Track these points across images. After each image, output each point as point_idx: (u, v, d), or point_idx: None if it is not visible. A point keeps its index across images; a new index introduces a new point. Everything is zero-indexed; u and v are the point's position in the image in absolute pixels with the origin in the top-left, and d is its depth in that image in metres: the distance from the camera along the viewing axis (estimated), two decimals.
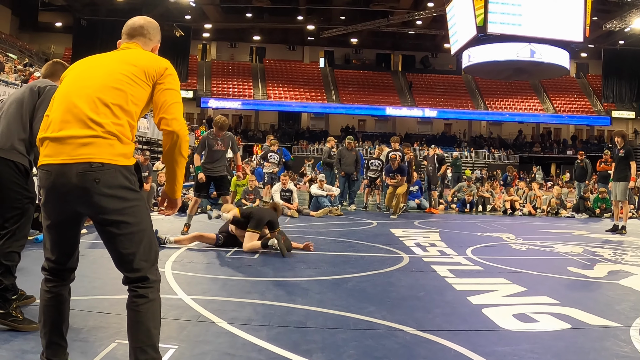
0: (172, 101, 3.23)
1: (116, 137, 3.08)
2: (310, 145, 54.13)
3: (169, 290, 5.80)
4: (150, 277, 3.18)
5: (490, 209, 19.40)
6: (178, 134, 3.18)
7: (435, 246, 9.94)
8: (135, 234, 3.13)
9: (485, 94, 62.10)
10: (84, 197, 3.04)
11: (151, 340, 3.13)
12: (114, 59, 3.32)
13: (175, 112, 3.21)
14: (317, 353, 4.08)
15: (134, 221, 3.13)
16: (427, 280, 7.00)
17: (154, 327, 3.15)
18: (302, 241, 9.28)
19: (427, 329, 4.72)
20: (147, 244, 3.19)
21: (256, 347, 4.18)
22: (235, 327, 4.62)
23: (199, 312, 5.04)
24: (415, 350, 4.21)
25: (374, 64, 66.07)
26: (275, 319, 4.95)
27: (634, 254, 9.65)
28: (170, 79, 3.29)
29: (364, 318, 5.03)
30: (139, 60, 3.29)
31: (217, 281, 6.55)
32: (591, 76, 63.58)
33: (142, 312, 3.12)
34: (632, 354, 4.25)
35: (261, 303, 5.50)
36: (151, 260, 3.22)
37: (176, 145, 3.19)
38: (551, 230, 13.65)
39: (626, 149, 13.16)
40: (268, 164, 17.61)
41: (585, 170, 21.00)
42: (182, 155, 3.22)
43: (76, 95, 3.13)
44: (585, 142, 58.49)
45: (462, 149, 57.56)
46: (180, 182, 3.33)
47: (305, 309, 5.31)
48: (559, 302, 5.81)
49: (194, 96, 57.80)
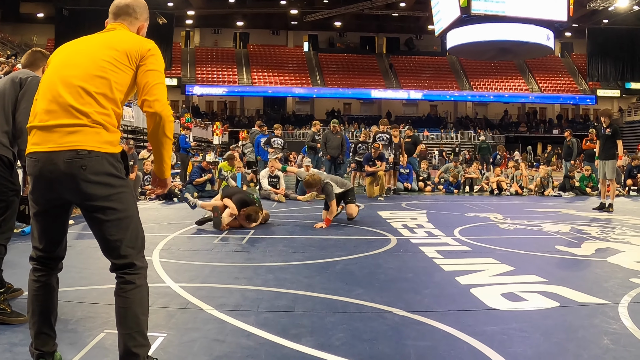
0: (154, 82, 3.18)
1: (102, 126, 3.08)
2: (296, 129, 54.01)
3: (157, 278, 5.77)
4: (137, 263, 3.18)
5: (478, 190, 19.43)
6: (160, 115, 3.14)
7: (422, 227, 9.95)
8: (121, 220, 3.13)
9: (470, 75, 62.21)
10: (71, 184, 3.04)
11: (139, 327, 3.13)
12: (96, 43, 3.27)
13: (157, 93, 3.16)
14: (306, 337, 4.06)
15: (121, 207, 3.13)
16: (415, 261, 6.99)
17: (141, 313, 3.15)
18: (290, 226, 9.31)
19: (416, 310, 4.71)
20: (133, 231, 3.20)
21: (245, 332, 4.16)
22: (223, 313, 4.60)
23: (187, 300, 5.01)
24: (404, 332, 4.20)
25: (358, 47, 66.08)
26: (263, 304, 4.93)
27: (621, 232, 9.68)
28: (153, 59, 3.24)
29: (352, 301, 5.02)
30: (122, 43, 3.23)
31: (205, 267, 6.53)
32: (576, 55, 63.78)
33: (130, 299, 3.12)
34: (621, 330, 4.25)
35: (249, 288, 5.48)
36: (138, 247, 3.22)
37: (159, 127, 3.16)
38: (538, 209, 13.67)
39: (613, 128, 13.19)
40: (272, 149, 17.47)
41: (571, 149, 21.07)
42: (166, 136, 3.19)
43: (61, 85, 3.11)
44: (571, 121, 58.78)
45: (448, 130, 57.70)
46: (168, 162, 3.29)
47: (293, 294, 5.29)
48: (547, 281, 5.82)
49: (179, 83, 57.64)
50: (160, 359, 3.49)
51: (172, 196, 14.66)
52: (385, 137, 17.05)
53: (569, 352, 3.80)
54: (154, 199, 14.78)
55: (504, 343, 3.96)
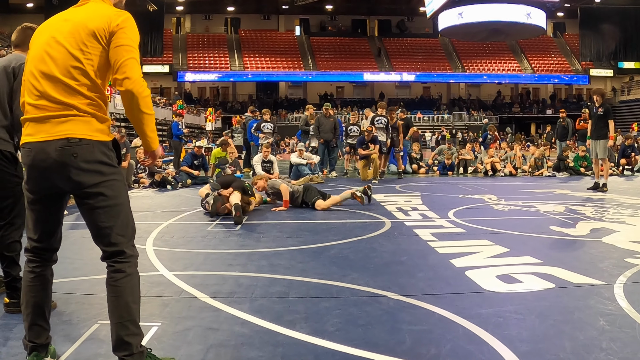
0: (122, 59, 3.09)
1: (92, 115, 3.11)
2: (289, 114, 53.95)
3: (151, 267, 5.76)
4: (127, 251, 3.18)
5: (472, 171, 19.41)
6: (132, 91, 3.06)
7: (417, 210, 9.94)
8: (112, 207, 3.14)
9: (462, 56, 62.17)
10: (63, 172, 3.06)
11: (131, 316, 3.13)
12: (67, 29, 3.16)
13: (127, 70, 3.08)
14: (300, 323, 4.04)
15: (111, 194, 3.13)
16: (410, 244, 6.98)
17: (133, 302, 3.15)
18: (289, 212, 9.31)
19: (411, 294, 4.70)
20: (124, 219, 3.20)
21: (239, 320, 4.14)
22: (218, 301, 4.58)
23: (182, 288, 4.98)
24: (399, 316, 4.18)
25: (350, 30, 65.97)
26: (258, 290, 4.91)
27: (615, 211, 9.68)
28: (122, 33, 3.13)
29: (347, 285, 5.00)
30: (90, 21, 3.14)
31: (199, 255, 6.49)
32: (568, 35, 63.72)
33: (121, 287, 3.13)
34: (616, 311, 4.24)
35: (244, 275, 5.46)
36: (128, 235, 3.22)
37: (133, 104, 3.10)
38: (532, 190, 13.68)
39: (605, 108, 13.16)
40: (262, 134, 17.41)
41: (566, 130, 21.04)
42: (143, 112, 3.13)
43: (44, 80, 3.10)
44: (564, 101, 58.82)
45: (441, 111, 57.71)
46: (152, 135, 3.22)
47: (288, 279, 5.26)
48: (542, 262, 5.81)
49: (170, 70, 57.55)
50: (155, 348, 3.46)
51: (165, 184, 14.61)
52: (383, 121, 17.00)
53: (565, 334, 3.78)
54: (147, 187, 14.73)
55: (499, 326, 3.95)
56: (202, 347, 3.64)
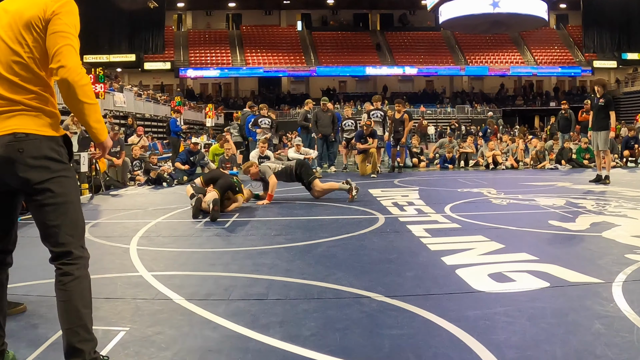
0: (56, 47, 2.93)
1: (39, 110, 3.02)
2: (292, 109, 53.82)
3: (130, 268, 5.59)
4: (75, 252, 3.05)
5: (473, 164, 19.18)
6: (68, 80, 2.90)
7: (413, 205, 9.70)
8: (60, 205, 3.02)
9: (465, 49, 62.00)
10: (10, 168, 2.95)
11: (82, 321, 3.00)
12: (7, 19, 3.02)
13: (63, 59, 2.92)
14: (275, 327, 3.81)
15: (60, 191, 3.01)
16: (401, 241, 6.73)
17: (83, 306, 3.02)
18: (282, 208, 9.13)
19: (396, 295, 4.44)
20: (73, 218, 3.08)
21: (212, 324, 3.93)
22: (192, 303, 4.37)
23: (158, 290, 4.78)
24: (380, 319, 3.93)
25: (351, 24, 65.87)
26: (236, 292, 4.69)
27: (617, 204, 9.40)
28: (57, 19, 2.97)
29: (330, 286, 4.77)
30: (27, 9, 2.99)
31: (182, 255, 6.31)
32: (571, 27, 63.43)
33: (69, 292, 3.00)
34: (614, 312, 3.96)
35: (224, 275, 5.26)
36: (77, 235, 3.10)
37: (70, 93, 2.94)
38: (533, 182, 13.45)
39: (606, 98, 12.93)
40: (260, 130, 17.22)
41: (569, 121, 20.77)
42: (81, 101, 2.96)
43: None
44: (567, 93, 58.51)
45: (445, 105, 57.56)
46: (97, 126, 3.07)
47: (269, 280, 5.03)
48: (538, 259, 5.55)
49: (172, 67, 57.57)
50: (118, 355, 3.34)
51: (161, 181, 14.46)
52: (379, 114, 16.87)
53: (557, 338, 3.51)
54: (142, 184, 14.58)
55: (486, 330, 3.68)
56: (166, 354, 3.43)
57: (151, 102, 37.23)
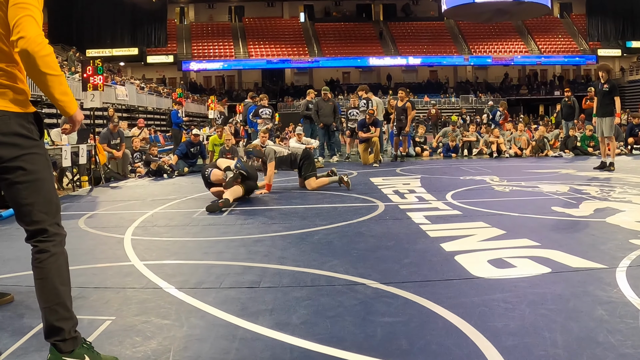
0: (15, 19, 2.79)
1: (6, 87, 2.94)
2: (295, 101, 53.72)
3: (123, 258, 5.48)
4: (50, 229, 2.99)
5: (477, 153, 19.01)
6: (28, 50, 2.76)
7: (414, 192, 9.56)
8: (32, 182, 2.97)
9: (468, 39, 61.81)
10: None
11: (60, 298, 2.95)
12: None
13: (22, 30, 2.78)
14: (264, 315, 3.68)
15: (31, 169, 2.95)
16: (400, 228, 6.58)
17: (61, 283, 2.97)
18: (281, 197, 9.01)
19: (391, 282, 4.30)
20: (46, 195, 3.02)
21: (200, 312, 3.81)
22: (182, 292, 4.26)
23: (148, 279, 4.67)
24: (373, 307, 3.79)
25: (354, 15, 65.72)
26: (227, 280, 4.55)
27: (622, 191, 9.24)
28: None
29: (324, 273, 4.63)
30: None
31: (176, 243, 6.19)
32: (575, 15, 63.12)
33: (46, 269, 2.95)
34: (618, 298, 3.80)
35: (216, 264, 5.12)
36: (51, 212, 3.03)
37: (30, 64, 2.80)
38: (537, 170, 13.28)
39: (611, 84, 12.77)
40: (261, 120, 17.11)
41: (572, 109, 20.56)
42: (43, 72, 2.82)
43: None
44: (572, 82, 58.24)
45: (449, 95, 57.39)
46: (64, 98, 2.93)
47: (262, 267, 4.91)
48: (539, 245, 5.40)
49: (175, 60, 57.60)
50: (102, 344, 3.24)
51: (161, 172, 14.35)
52: (362, 103, 16.97)
53: (557, 325, 3.35)
54: (143, 175, 14.48)
55: (484, 316, 3.53)
56: (150, 343, 3.31)
57: (154, 95, 37.10)
